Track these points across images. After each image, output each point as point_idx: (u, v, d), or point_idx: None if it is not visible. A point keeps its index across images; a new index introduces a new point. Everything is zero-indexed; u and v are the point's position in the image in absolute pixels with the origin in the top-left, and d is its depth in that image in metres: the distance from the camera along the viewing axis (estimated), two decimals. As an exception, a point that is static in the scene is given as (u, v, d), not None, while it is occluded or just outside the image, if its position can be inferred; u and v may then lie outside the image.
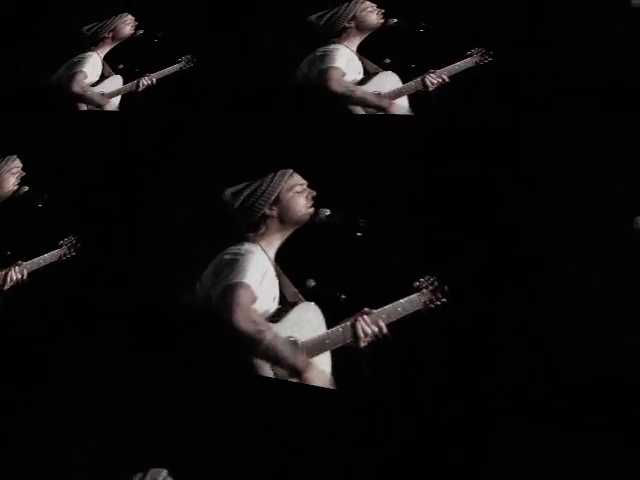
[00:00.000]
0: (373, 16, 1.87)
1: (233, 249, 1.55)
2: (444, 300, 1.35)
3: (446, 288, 1.36)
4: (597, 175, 1.41)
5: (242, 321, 1.40)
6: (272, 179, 1.62)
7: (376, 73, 1.76)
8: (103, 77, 2.08)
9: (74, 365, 1.44)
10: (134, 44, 2.14)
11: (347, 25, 1.88)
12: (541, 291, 1.30)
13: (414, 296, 1.36)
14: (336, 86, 1.76)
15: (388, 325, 1.34)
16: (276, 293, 1.46)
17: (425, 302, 1.35)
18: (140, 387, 1.41)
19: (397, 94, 1.69)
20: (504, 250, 1.39)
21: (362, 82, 1.76)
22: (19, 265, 1.59)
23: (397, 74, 1.72)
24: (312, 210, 1.56)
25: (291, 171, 1.63)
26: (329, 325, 1.37)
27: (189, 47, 2.03)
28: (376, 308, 1.36)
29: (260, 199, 1.60)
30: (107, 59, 2.13)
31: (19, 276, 1.57)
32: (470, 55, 1.69)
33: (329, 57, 1.83)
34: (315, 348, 1.35)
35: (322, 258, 1.48)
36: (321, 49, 1.85)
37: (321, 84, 1.79)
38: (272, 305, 1.44)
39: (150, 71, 2.01)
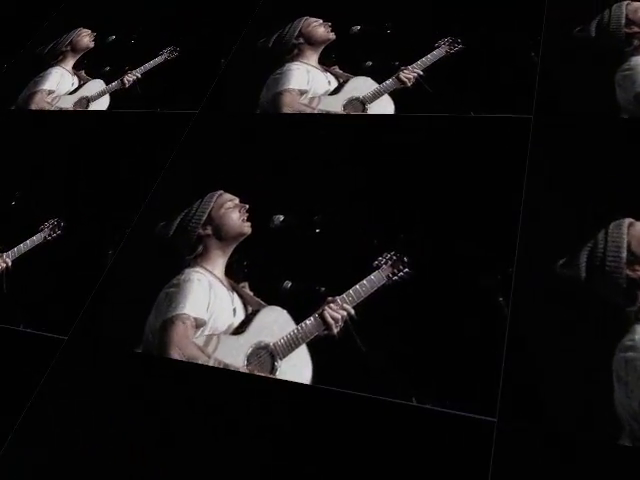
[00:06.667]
0: (320, 30, 1.89)
1: (171, 282, 1.47)
2: (407, 270, 1.33)
3: (405, 259, 1.34)
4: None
5: (183, 350, 1.34)
6: (201, 202, 1.59)
7: (348, 80, 1.74)
8: (80, 85, 2.07)
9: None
10: (111, 49, 2.18)
11: (296, 42, 1.88)
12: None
13: (375, 273, 1.34)
14: (288, 109, 1.74)
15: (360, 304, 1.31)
16: (235, 306, 1.39)
17: (388, 275, 1.33)
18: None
19: (376, 95, 1.68)
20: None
21: (335, 91, 1.74)
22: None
23: (379, 74, 1.71)
24: (248, 223, 1.52)
25: (220, 192, 1.60)
26: (298, 321, 1.31)
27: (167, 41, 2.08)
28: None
29: (192, 221, 1.56)
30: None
31: (3, 265, 1.65)
32: (438, 46, 1.72)
33: (282, 79, 1.81)
34: (289, 345, 1.28)
35: (289, 258, 1.45)
36: (277, 71, 1.83)
37: (276, 108, 1.76)
38: (234, 319, 1.37)
39: (132, 67, 2.03)
